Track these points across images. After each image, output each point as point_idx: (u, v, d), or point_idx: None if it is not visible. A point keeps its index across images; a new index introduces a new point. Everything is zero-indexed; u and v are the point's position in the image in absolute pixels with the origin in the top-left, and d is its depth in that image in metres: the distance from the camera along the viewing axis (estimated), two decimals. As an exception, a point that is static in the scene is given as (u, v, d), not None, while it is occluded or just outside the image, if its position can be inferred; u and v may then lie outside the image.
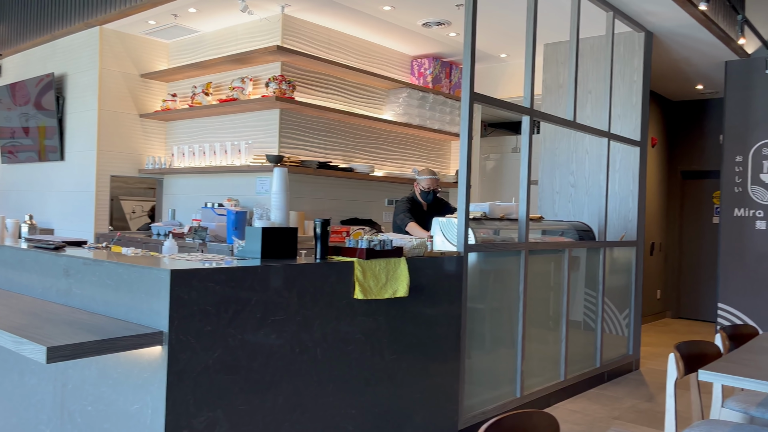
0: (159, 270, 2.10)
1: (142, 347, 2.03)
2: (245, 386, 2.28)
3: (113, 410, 2.25)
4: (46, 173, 6.21)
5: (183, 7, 4.95)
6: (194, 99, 5.47)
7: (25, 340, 1.89)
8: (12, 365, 2.79)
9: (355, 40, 5.60)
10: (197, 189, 5.65)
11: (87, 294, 2.42)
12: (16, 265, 2.86)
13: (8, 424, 2.81)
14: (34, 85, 6.14)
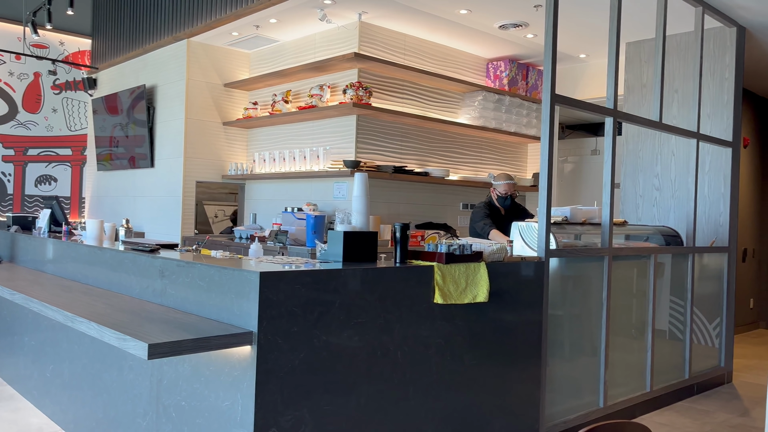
0: (249, 272, 2.18)
1: (233, 346, 2.12)
2: (329, 387, 2.33)
3: (205, 406, 2.35)
4: (137, 179, 6.57)
5: (264, 18, 5.12)
6: (274, 107, 5.64)
7: (128, 337, 2.01)
8: (112, 361, 2.97)
9: (430, 44, 5.61)
10: (277, 194, 5.82)
11: (180, 294, 2.55)
12: (116, 266, 3.05)
13: (108, 416, 2.99)
14: (126, 96, 6.52)
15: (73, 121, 7.46)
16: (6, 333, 4.26)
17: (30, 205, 7.16)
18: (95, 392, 3.10)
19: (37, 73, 7.17)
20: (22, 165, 7.09)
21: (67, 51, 7.36)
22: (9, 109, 6.97)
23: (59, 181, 7.38)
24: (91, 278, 3.30)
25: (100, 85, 7.32)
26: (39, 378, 3.72)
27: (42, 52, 7.14)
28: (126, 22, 6.70)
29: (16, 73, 7.01)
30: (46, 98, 7.24)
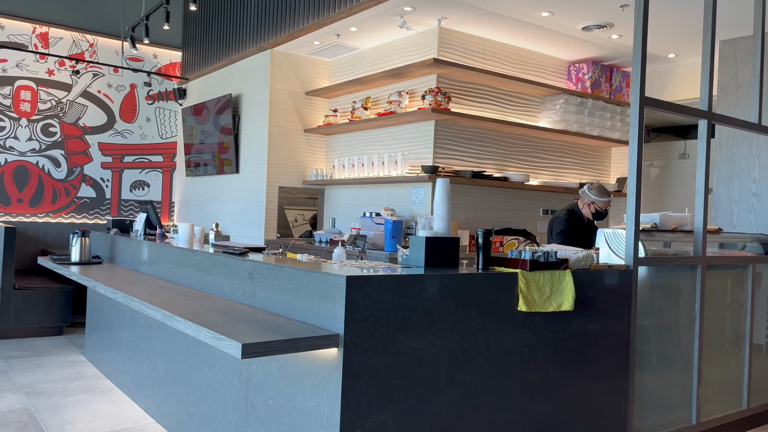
0: (336, 276, 2.23)
1: (321, 348, 2.17)
2: (412, 391, 2.35)
3: (292, 405, 2.42)
4: (223, 185, 6.85)
5: (345, 27, 5.23)
6: (354, 113, 5.74)
7: (222, 336, 2.11)
8: (203, 358, 3.12)
9: (509, 48, 5.55)
10: (356, 199, 5.91)
11: (269, 296, 2.64)
12: (208, 268, 3.19)
13: (199, 411, 3.13)
14: (213, 105, 6.82)
15: (165, 130, 7.88)
16: (106, 329, 4.54)
17: (125, 208, 7.61)
18: (187, 388, 3.26)
19: (133, 84, 7.62)
20: (118, 171, 7.55)
21: (159, 63, 7.78)
22: (107, 119, 7.45)
23: (151, 187, 7.81)
24: (183, 279, 3.47)
25: (189, 94, 7.69)
26: (135, 373, 3.95)
27: (137, 65, 7.59)
28: (213, 35, 7.02)
29: (114, 85, 7.49)
30: (141, 108, 7.68)
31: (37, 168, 6.99)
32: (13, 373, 4.45)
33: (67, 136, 7.18)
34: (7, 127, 6.81)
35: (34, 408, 3.75)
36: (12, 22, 6.82)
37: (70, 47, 7.17)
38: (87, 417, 3.64)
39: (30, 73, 6.94)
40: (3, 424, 3.46)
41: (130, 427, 3.50)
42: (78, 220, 7.29)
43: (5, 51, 6.77)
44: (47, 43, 7.03)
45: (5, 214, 6.84)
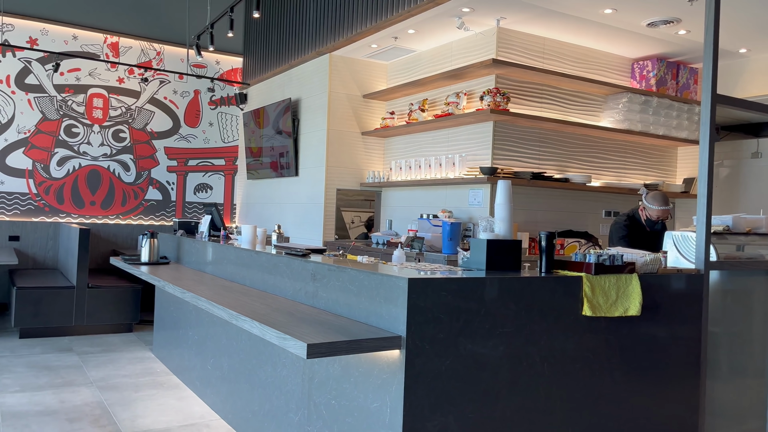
0: (398, 278, 2.24)
1: (383, 350, 2.19)
2: (474, 395, 2.34)
3: (355, 406, 2.45)
4: (282, 187, 6.99)
5: (403, 29, 5.25)
6: (411, 115, 5.75)
7: (288, 336, 2.15)
8: (266, 357, 3.19)
9: (570, 46, 5.44)
10: (412, 201, 5.92)
11: (331, 297, 2.68)
12: (271, 269, 3.27)
13: (263, 409, 3.21)
14: (273, 109, 6.97)
15: (226, 134, 8.10)
16: (173, 327, 4.71)
17: (190, 210, 7.87)
18: (251, 386, 3.34)
19: (197, 90, 7.88)
20: (183, 174, 7.82)
21: (222, 69, 8.02)
22: (173, 124, 7.72)
23: (214, 189, 8.05)
24: (247, 279, 3.56)
25: (249, 99, 7.88)
26: (201, 370, 4.08)
27: (201, 72, 7.84)
28: (273, 41, 7.17)
29: (179, 91, 7.76)
30: (204, 113, 7.93)
31: (109, 172, 7.32)
32: (86, 368, 4.68)
33: (136, 141, 7.48)
34: (81, 133, 7.16)
35: (107, 402, 3.93)
36: (85, 33, 7.16)
37: (139, 56, 7.47)
38: (156, 411, 3.78)
39: (102, 82, 7.27)
40: (78, 417, 3.64)
41: (197, 423, 3.62)
42: (145, 221, 7.58)
43: (79, 61, 7.12)
44: (117, 53, 7.35)
45: (79, 216, 7.19)
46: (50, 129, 7.00)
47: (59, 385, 4.21)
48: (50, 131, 7.00)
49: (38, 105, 6.94)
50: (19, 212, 6.85)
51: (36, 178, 6.93)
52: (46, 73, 6.96)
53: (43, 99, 6.96)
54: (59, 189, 7.06)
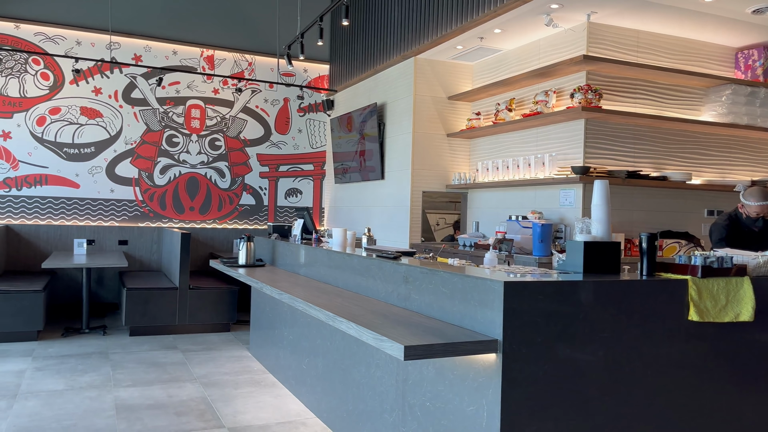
0: (492, 281, 2.23)
1: (479, 353, 2.18)
2: (573, 402, 2.28)
3: (450, 408, 2.45)
4: (369, 191, 7.10)
5: (489, 29, 5.20)
6: (497, 116, 5.68)
7: (384, 337, 2.19)
8: (360, 358, 3.25)
9: (666, 38, 5.18)
10: (499, 202, 5.85)
11: (424, 300, 2.70)
12: (363, 271, 3.33)
13: (357, 409, 3.27)
14: (359, 114, 7.09)
15: (315, 140, 8.33)
16: (268, 327, 4.89)
17: (281, 215, 8.15)
18: (345, 386, 3.42)
19: (286, 98, 8.15)
20: (274, 180, 8.11)
21: (309, 77, 8.25)
22: (264, 132, 8.03)
23: (303, 194, 8.29)
24: (340, 281, 3.64)
25: (336, 105, 8.06)
26: (296, 369, 4.21)
27: (290, 80, 8.11)
28: (359, 47, 7.30)
29: (269, 99, 8.06)
30: (293, 120, 8.19)
31: (206, 179, 7.71)
32: (190, 365, 4.94)
33: (230, 148, 7.84)
34: (181, 142, 7.58)
35: (210, 398, 4.14)
36: (183, 48, 7.59)
37: (232, 67, 7.83)
38: (255, 408, 3.94)
39: (199, 93, 7.67)
40: (185, 411, 3.86)
41: (293, 420, 3.74)
42: (240, 225, 7.92)
43: (178, 74, 7.55)
44: (213, 65, 7.73)
45: (180, 221, 7.62)
46: (153, 139, 7.46)
47: (166, 381, 4.48)
48: (153, 141, 7.46)
49: (143, 117, 7.42)
50: (126, 218, 7.35)
51: (141, 186, 7.41)
52: (149, 87, 7.43)
53: (146, 111, 7.44)
54: (162, 196, 7.51)
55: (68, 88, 7.08)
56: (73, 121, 7.10)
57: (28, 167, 6.91)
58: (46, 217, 6.99)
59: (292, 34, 7.81)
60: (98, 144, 7.22)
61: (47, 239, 6.95)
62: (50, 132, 7.00)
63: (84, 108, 7.15)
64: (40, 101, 6.96)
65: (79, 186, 7.13)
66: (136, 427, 3.55)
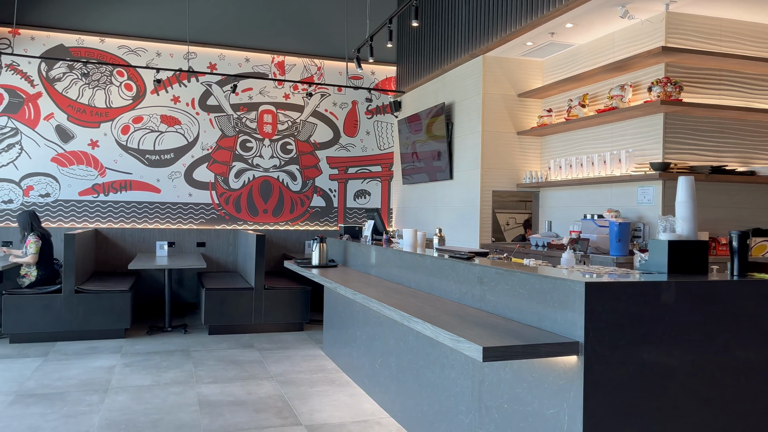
0: (573, 282, 2.18)
1: (560, 355, 2.13)
2: (660, 407, 2.20)
3: (529, 411, 2.41)
4: (437, 191, 7.08)
5: (560, 24, 5.08)
6: (570, 112, 5.54)
7: (462, 338, 2.18)
8: (435, 359, 3.25)
9: (753, 26, 4.90)
10: (573, 200, 5.70)
11: (500, 301, 2.67)
12: (436, 272, 3.33)
13: (432, 409, 3.27)
14: (425, 115, 7.09)
15: (382, 141, 8.39)
16: (341, 326, 4.97)
17: (350, 216, 8.26)
18: (419, 386, 3.42)
19: (355, 101, 8.25)
20: (343, 182, 8.23)
21: (377, 79, 8.32)
22: (333, 135, 8.16)
23: (372, 195, 8.37)
24: (413, 282, 3.65)
25: (403, 106, 8.09)
26: (369, 368, 4.26)
27: (358, 83, 8.21)
28: (426, 48, 7.30)
29: (338, 103, 8.18)
30: (361, 123, 8.29)
31: (278, 182, 7.91)
32: (267, 363, 5.08)
33: (301, 152, 8.01)
34: (254, 147, 7.82)
35: (287, 395, 4.24)
36: (255, 55, 7.82)
37: (302, 72, 8.00)
38: (331, 407, 4.01)
39: (270, 99, 7.88)
40: (263, 408, 3.97)
41: (368, 419, 3.78)
42: (311, 227, 8.08)
43: (251, 81, 7.79)
44: (283, 71, 7.93)
45: (254, 223, 7.85)
46: (228, 145, 7.73)
47: (245, 378, 4.63)
48: (228, 147, 7.73)
49: (218, 123, 7.69)
50: (204, 221, 7.64)
51: (217, 190, 7.69)
52: (224, 94, 7.70)
53: (221, 118, 7.71)
54: (237, 199, 7.76)
55: (149, 97, 7.44)
56: (154, 129, 7.46)
57: (114, 174, 7.31)
58: (131, 220, 7.37)
59: (360, 38, 7.89)
60: (177, 150, 7.54)
61: (132, 242, 7.32)
62: (134, 140, 7.38)
63: (164, 116, 7.49)
64: (124, 111, 7.35)
65: (160, 191, 7.47)
66: (218, 422, 3.69)
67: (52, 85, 7.10)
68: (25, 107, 7.02)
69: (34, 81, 7.05)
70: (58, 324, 5.67)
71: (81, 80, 7.18)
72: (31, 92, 7.04)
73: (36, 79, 7.05)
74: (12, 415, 3.74)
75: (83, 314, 5.73)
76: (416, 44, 7.60)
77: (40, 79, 7.07)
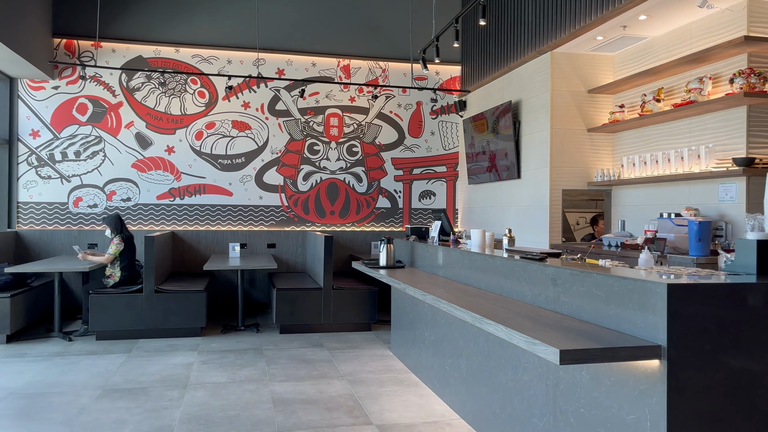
0: (654, 283, 2.11)
1: (640, 359, 2.07)
2: (748, 415, 2.09)
3: (607, 416, 2.35)
4: (504, 190, 6.98)
5: (633, 16, 4.91)
6: (644, 107, 5.35)
7: (537, 341, 2.15)
8: (506, 361, 3.21)
9: None
10: (648, 198, 5.50)
11: (575, 303, 2.61)
12: (507, 273, 3.29)
13: (504, 412, 3.23)
14: (491, 114, 7.00)
15: (447, 142, 8.36)
16: (409, 327, 4.98)
17: (415, 217, 8.27)
18: (491, 388, 3.39)
19: (419, 102, 8.26)
20: (408, 183, 8.25)
21: (441, 79, 8.30)
22: (398, 136, 8.19)
23: (437, 196, 8.34)
24: (482, 282, 3.62)
25: (469, 106, 8.03)
26: (438, 369, 4.25)
27: (422, 84, 8.21)
28: (491, 46, 7.22)
29: (402, 104, 8.21)
30: (426, 123, 8.28)
31: (344, 184, 8.02)
32: (336, 363, 5.16)
33: (366, 154, 8.09)
34: (321, 150, 7.95)
35: (357, 395, 4.29)
36: (322, 59, 7.96)
37: (367, 75, 8.08)
38: (401, 407, 4.03)
39: (336, 102, 8.00)
40: (335, 407, 4.03)
41: (439, 420, 3.78)
42: (376, 228, 8.14)
43: (317, 85, 7.93)
44: (349, 74, 8.03)
45: (321, 225, 7.99)
46: (296, 148, 7.90)
47: (316, 377, 4.72)
48: (296, 150, 7.90)
49: (286, 128, 7.87)
50: (274, 222, 7.84)
51: (287, 192, 7.87)
52: (291, 98, 7.88)
53: (289, 122, 7.89)
54: (305, 201, 7.92)
55: (221, 104, 7.70)
56: (226, 134, 7.71)
57: (188, 178, 7.61)
58: (205, 223, 7.65)
59: (423, 40, 7.89)
60: (248, 154, 7.77)
61: (206, 243, 7.60)
62: (207, 145, 7.65)
63: (235, 121, 7.73)
64: (197, 117, 7.64)
65: (232, 194, 7.72)
66: (291, 420, 3.78)
67: (131, 94, 7.47)
68: (108, 116, 7.41)
69: (116, 91, 7.43)
70: (139, 322, 5.95)
71: (158, 89, 7.51)
72: (113, 102, 7.43)
73: (117, 90, 7.44)
74: (100, 408, 3.96)
75: (162, 313, 5.99)
76: (482, 43, 7.53)
77: (121, 89, 7.45)
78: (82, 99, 7.35)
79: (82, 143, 7.35)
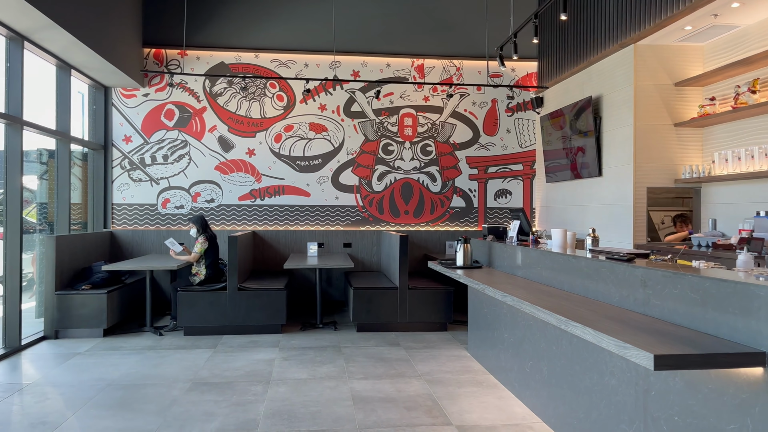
0: (758, 286, 1.99)
1: (743, 366, 1.96)
2: None
3: (704, 425, 2.24)
4: (583, 189, 6.77)
5: (724, 4, 4.65)
6: (738, 99, 5.06)
7: (628, 345, 2.07)
8: (591, 365, 3.12)
9: None
10: (742, 196, 5.19)
11: (667, 306, 2.50)
12: (591, 274, 3.19)
13: (589, 418, 3.14)
14: (569, 110, 6.81)
15: (523, 139, 8.20)
16: (486, 328, 4.93)
17: (491, 216, 8.16)
18: (575, 392, 3.30)
19: (494, 99, 8.15)
20: (483, 182, 8.16)
21: (517, 76, 8.16)
22: (473, 135, 8.12)
23: (513, 194, 8.21)
24: (565, 284, 3.53)
25: (546, 102, 7.85)
26: (518, 371, 4.18)
27: (498, 81, 8.09)
28: (569, 40, 7.02)
29: (477, 102, 8.13)
30: (501, 121, 8.16)
31: (418, 183, 8.03)
32: (413, 362, 5.18)
33: (440, 153, 8.06)
34: (395, 150, 8.00)
35: (435, 395, 4.29)
36: (395, 60, 7.99)
37: (441, 74, 8.05)
38: (480, 408, 4.00)
39: (410, 102, 8.02)
40: (413, 406, 4.05)
41: (520, 423, 3.72)
42: (451, 228, 8.10)
43: (391, 85, 7.97)
44: (423, 73, 8.03)
45: (396, 224, 8.03)
46: (371, 149, 7.98)
47: (393, 376, 4.75)
48: (371, 151, 7.98)
49: (361, 129, 7.97)
50: (350, 222, 7.95)
51: (362, 193, 7.96)
52: (366, 100, 7.96)
53: (364, 123, 7.98)
54: (380, 201, 7.99)
55: (299, 107, 7.89)
56: (303, 136, 7.89)
57: (268, 179, 7.84)
58: (284, 223, 7.86)
59: (498, 37, 7.78)
60: (324, 156, 7.92)
61: (285, 243, 7.81)
62: (285, 147, 7.86)
63: (312, 124, 7.90)
64: (276, 120, 7.86)
65: (310, 195, 7.89)
66: (371, 418, 3.82)
67: (215, 99, 7.78)
68: (193, 121, 7.75)
69: (200, 97, 7.76)
70: (223, 318, 6.19)
71: (239, 94, 7.78)
72: (197, 107, 7.76)
73: (201, 95, 7.76)
74: (190, 401, 4.15)
75: (245, 310, 6.20)
76: (560, 38, 7.34)
77: (205, 95, 7.77)
78: (170, 105, 7.72)
79: (170, 147, 7.72)
